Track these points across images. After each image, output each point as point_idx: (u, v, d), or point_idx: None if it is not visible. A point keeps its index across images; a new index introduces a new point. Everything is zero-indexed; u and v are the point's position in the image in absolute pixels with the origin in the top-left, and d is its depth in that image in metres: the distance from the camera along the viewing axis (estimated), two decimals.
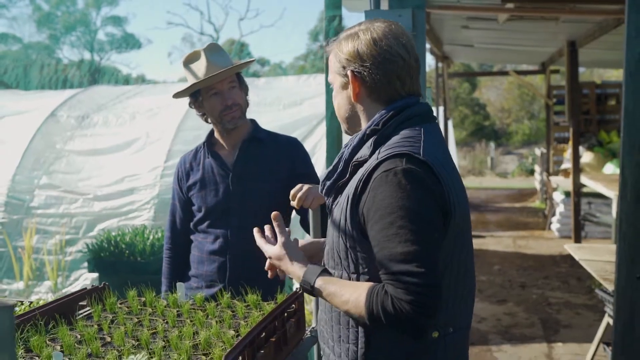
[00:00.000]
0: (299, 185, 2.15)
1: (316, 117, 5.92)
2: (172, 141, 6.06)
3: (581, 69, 14.04)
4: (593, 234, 8.75)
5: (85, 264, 5.80)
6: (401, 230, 1.39)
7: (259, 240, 1.80)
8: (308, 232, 2.60)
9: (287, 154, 2.61)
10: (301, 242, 1.88)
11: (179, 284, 2.32)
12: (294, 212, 2.67)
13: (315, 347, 2.29)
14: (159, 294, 2.39)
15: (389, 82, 1.57)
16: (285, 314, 2.04)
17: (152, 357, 1.72)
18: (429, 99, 3.05)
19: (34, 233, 5.81)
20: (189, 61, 2.56)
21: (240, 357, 1.64)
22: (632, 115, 3.18)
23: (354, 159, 1.58)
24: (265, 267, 1.80)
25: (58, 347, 1.83)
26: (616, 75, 21.08)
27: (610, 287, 3.84)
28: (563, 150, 11.04)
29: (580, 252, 4.57)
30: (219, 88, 2.51)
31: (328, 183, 1.65)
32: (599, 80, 12.95)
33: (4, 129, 6.82)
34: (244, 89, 2.60)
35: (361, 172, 1.53)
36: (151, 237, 4.45)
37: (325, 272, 1.58)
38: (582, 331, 5.32)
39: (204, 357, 1.74)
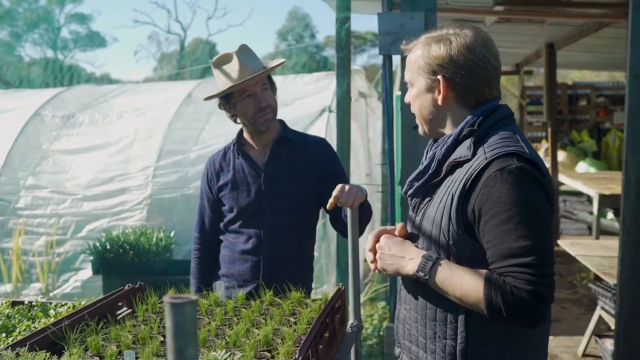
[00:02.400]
0: (340, 186, 2.18)
1: (309, 117, 5.95)
2: (162, 140, 6.01)
3: (542, 69, 14.36)
4: (569, 231, 8.99)
5: (76, 265, 5.74)
6: (519, 225, 1.46)
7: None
8: (339, 230, 2.64)
9: (316, 154, 2.64)
10: None
11: (218, 283, 2.34)
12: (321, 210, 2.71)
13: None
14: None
15: (480, 88, 1.62)
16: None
17: (230, 356, 1.72)
18: None
19: (22, 234, 5.70)
20: (220, 63, 2.56)
21: (309, 352, 1.68)
22: (635, 115, 3.32)
23: (450, 159, 1.63)
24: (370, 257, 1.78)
25: (114, 347, 1.83)
26: (579, 76, 21.60)
27: (612, 281, 3.98)
28: (537, 149, 11.31)
29: (575, 249, 4.71)
30: (253, 90, 2.53)
31: (417, 184, 1.70)
32: (570, 82, 13.30)
33: None
34: (274, 90, 2.63)
35: (465, 171, 1.57)
36: (155, 237, 4.42)
37: (440, 258, 1.60)
38: (570, 324, 5.48)
39: (267, 354, 1.77)
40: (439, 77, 1.63)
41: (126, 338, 1.87)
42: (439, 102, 1.65)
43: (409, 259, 1.64)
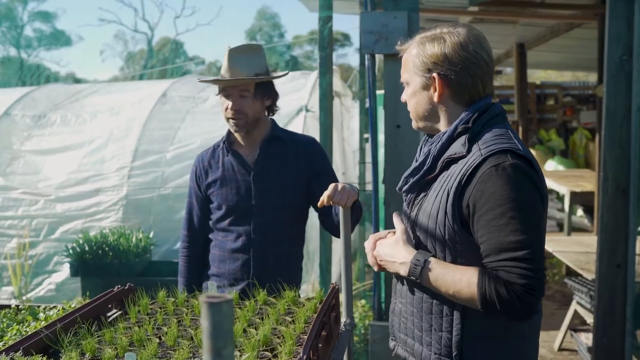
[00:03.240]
0: (333, 185, 2.18)
1: (286, 116, 5.93)
2: (138, 140, 5.94)
3: (510, 69, 14.59)
4: None
5: (50, 267, 5.63)
6: (512, 221, 1.50)
7: (383, 232, 1.82)
8: (328, 229, 2.64)
9: (305, 152, 2.64)
10: None
11: (210, 283, 2.32)
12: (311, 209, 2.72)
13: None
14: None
15: (474, 84, 1.66)
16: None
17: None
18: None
19: None
20: (225, 52, 2.55)
21: (310, 351, 1.69)
22: (612, 113, 3.40)
23: (445, 156, 1.66)
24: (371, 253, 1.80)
25: (109, 350, 1.81)
26: (544, 76, 22.00)
27: (590, 276, 4.07)
28: None
29: (551, 245, 4.80)
30: (230, 92, 2.52)
31: (413, 179, 1.73)
32: (537, 81, 13.53)
33: None
34: (262, 99, 2.56)
35: (460, 167, 1.60)
36: (134, 238, 4.36)
37: (434, 256, 1.64)
38: (544, 319, 5.54)
39: (268, 353, 1.76)
40: (434, 74, 1.66)
41: (122, 340, 1.84)
42: (435, 100, 1.69)
43: (400, 263, 1.68)
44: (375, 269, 1.79)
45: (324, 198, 2.18)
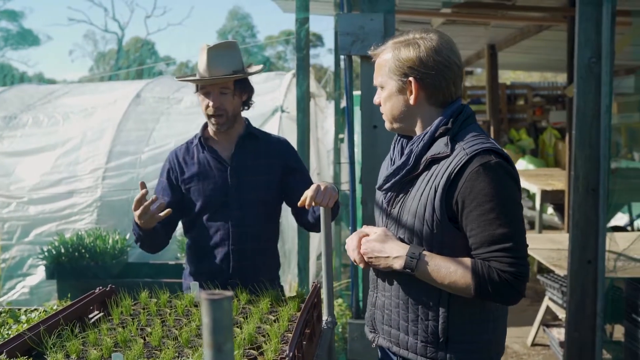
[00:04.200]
0: (315, 185, 2.21)
1: (261, 117, 5.94)
2: (112, 142, 5.89)
3: (480, 70, 14.81)
4: None
5: (23, 270, 5.55)
6: (500, 215, 1.64)
7: (365, 229, 1.86)
8: (303, 225, 2.68)
9: (279, 150, 2.70)
10: None
11: (192, 284, 2.34)
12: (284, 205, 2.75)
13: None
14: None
15: (447, 87, 1.76)
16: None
17: None
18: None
19: None
20: (201, 50, 2.56)
21: (296, 349, 1.72)
22: (582, 114, 3.49)
23: (427, 155, 1.74)
24: (355, 253, 1.84)
25: (94, 351, 1.81)
26: (513, 76, 22.35)
27: (562, 272, 4.17)
28: None
29: None
30: (210, 90, 2.54)
31: (395, 179, 1.80)
32: (507, 82, 13.76)
33: None
34: (240, 95, 2.61)
35: (445, 165, 1.69)
36: (111, 239, 4.33)
37: (422, 253, 1.72)
38: (517, 316, 5.68)
39: (254, 352, 1.79)
40: (411, 78, 1.74)
41: (107, 342, 1.85)
42: (411, 102, 1.78)
43: (394, 257, 1.75)
44: (362, 266, 1.84)
45: (306, 199, 2.20)
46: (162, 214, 2.35)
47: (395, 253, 1.74)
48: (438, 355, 1.75)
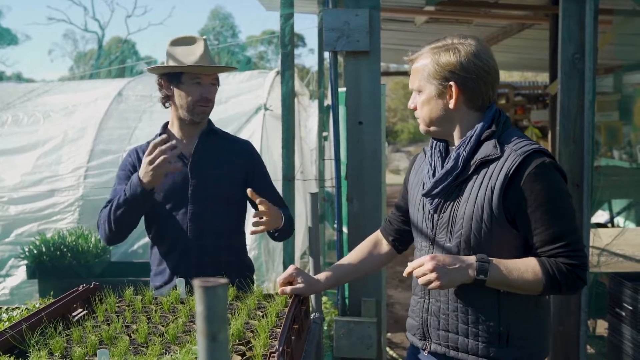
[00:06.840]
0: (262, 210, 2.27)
1: (244, 115, 5.93)
2: (93, 140, 5.83)
3: None
4: None
5: (4, 271, 5.46)
6: (561, 212, 1.73)
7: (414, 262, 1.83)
8: (270, 236, 2.65)
9: (242, 150, 2.70)
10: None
11: (178, 280, 2.31)
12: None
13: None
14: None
15: (486, 91, 1.80)
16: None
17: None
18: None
19: None
20: (180, 42, 2.53)
21: (285, 345, 1.70)
22: (566, 110, 3.51)
23: (477, 158, 1.78)
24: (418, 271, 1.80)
25: (78, 348, 1.78)
26: (506, 76, 22.52)
27: None
28: None
29: None
30: (204, 80, 2.53)
31: (444, 184, 1.82)
32: None
33: None
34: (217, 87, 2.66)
35: (500, 167, 1.74)
36: (93, 238, 4.28)
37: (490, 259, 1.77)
38: None
39: (242, 347, 1.77)
40: (451, 82, 1.78)
41: (91, 339, 1.82)
42: (450, 106, 1.81)
43: (466, 265, 1.74)
44: (436, 285, 1.75)
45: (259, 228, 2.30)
46: (172, 167, 2.32)
47: (467, 262, 1.74)
48: (499, 353, 1.80)
